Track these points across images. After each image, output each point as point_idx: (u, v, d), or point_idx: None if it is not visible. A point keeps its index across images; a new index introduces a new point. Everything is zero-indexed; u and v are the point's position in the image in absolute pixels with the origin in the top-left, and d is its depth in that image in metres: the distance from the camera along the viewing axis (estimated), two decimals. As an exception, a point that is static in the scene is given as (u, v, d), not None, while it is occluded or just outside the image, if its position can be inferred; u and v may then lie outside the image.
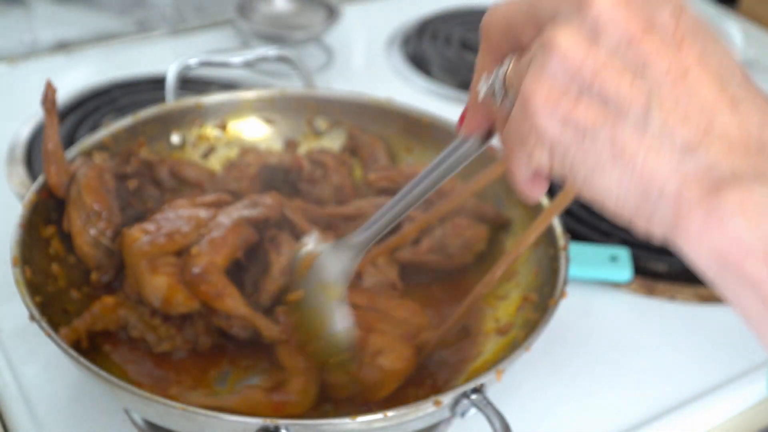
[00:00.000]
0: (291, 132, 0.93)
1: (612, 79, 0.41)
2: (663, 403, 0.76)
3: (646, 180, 0.41)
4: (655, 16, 0.41)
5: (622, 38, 0.41)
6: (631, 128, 0.41)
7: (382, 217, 0.61)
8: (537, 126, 0.42)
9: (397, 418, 0.59)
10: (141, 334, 0.70)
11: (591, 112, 0.41)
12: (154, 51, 1.26)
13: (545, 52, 0.42)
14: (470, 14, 1.40)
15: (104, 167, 0.78)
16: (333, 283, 0.64)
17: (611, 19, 0.41)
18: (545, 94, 0.42)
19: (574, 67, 0.41)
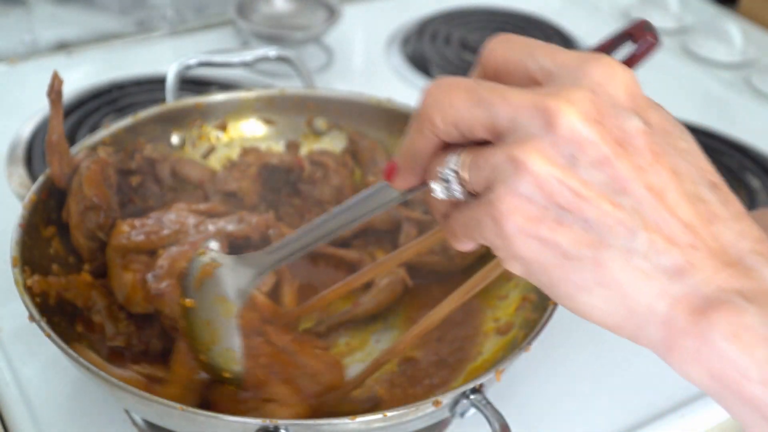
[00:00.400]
0: (291, 132, 0.93)
1: (593, 203, 0.39)
2: (663, 403, 0.76)
3: (634, 302, 0.40)
4: (625, 127, 0.40)
5: (597, 158, 0.39)
6: (616, 252, 0.40)
7: (291, 243, 0.58)
8: (512, 243, 0.41)
9: (396, 418, 0.59)
10: (101, 322, 0.70)
11: (573, 235, 0.40)
12: (154, 51, 1.26)
13: (517, 173, 0.39)
14: (470, 14, 1.40)
15: (108, 162, 0.78)
16: (230, 298, 0.61)
17: (585, 139, 0.39)
18: (523, 216, 0.40)
19: (552, 191, 0.39)
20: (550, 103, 0.39)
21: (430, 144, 0.44)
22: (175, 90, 0.90)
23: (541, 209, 0.40)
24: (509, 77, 0.43)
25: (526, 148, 0.39)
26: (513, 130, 0.40)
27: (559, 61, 0.42)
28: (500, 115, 0.41)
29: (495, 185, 0.41)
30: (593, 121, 0.39)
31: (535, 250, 0.40)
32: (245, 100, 0.91)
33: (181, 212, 0.76)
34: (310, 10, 1.28)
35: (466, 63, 1.26)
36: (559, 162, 0.39)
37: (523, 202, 0.40)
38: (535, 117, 0.39)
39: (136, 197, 0.81)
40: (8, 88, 1.14)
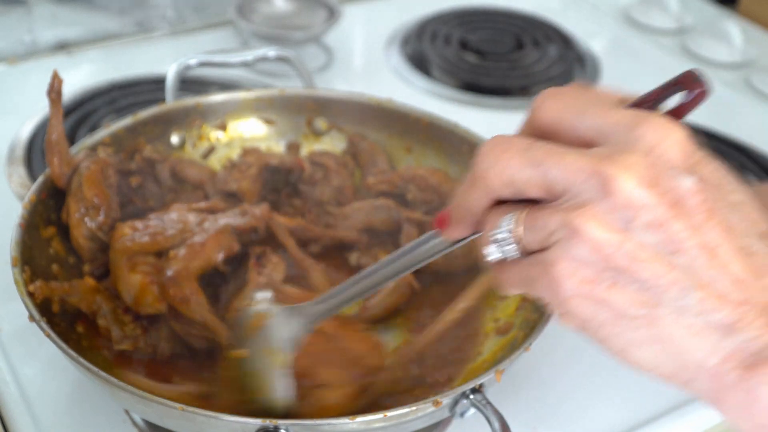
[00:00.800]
0: (291, 132, 0.93)
1: (648, 264, 0.40)
2: (663, 403, 0.76)
3: (685, 357, 0.42)
4: (680, 188, 0.40)
5: (652, 221, 0.40)
6: (669, 310, 0.41)
7: (343, 292, 0.59)
8: (568, 304, 0.42)
9: (396, 418, 0.59)
10: (107, 326, 0.70)
11: (627, 295, 0.41)
12: (154, 51, 1.26)
13: (574, 238, 0.41)
14: (470, 15, 1.40)
15: (108, 162, 0.78)
16: (280, 349, 0.61)
17: (641, 203, 0.40)
18: (578, 279, 0.41)
19: (608, 255, 0.40)
20: (606, 169, 0.40)
21: (484, 200, 0.45)
22: (175, 90, 0.90)
23: (597, 272, 0.41)
24: (560, 136, 0.44)
25: (582, 214, 0.40)
26: (569, 193, 0.41)
27: (612, 121, 0.42)
28: (556, 178, 0.41)
29: (551, 248, 0.42)
30: (648, 185, 0.40)
31: (590, 310, 0.42)
32: (245, 101, 0.91)
33: (182, 212, 0.76)
34: (310, 10, 1.28)
35: (465, 63, 1.26)
36: (615, 227, 0.40)
37: (579, 266, 0.41)
38: (591, 182, 0.40)
39: (136, 198, 0.81)
40: (8, 88, 1.14)
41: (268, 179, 0.86)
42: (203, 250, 0.71)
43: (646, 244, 0.40)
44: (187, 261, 0.70)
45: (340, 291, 0.60)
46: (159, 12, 1.30)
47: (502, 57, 1.28)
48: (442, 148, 0.89)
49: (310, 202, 0.85)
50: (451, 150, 0.88)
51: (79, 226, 0.74)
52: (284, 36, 1.20)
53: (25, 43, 1.22)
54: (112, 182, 0.78)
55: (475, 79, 1.22)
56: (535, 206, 0.43)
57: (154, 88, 1.12)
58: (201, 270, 0.70)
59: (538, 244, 0.43)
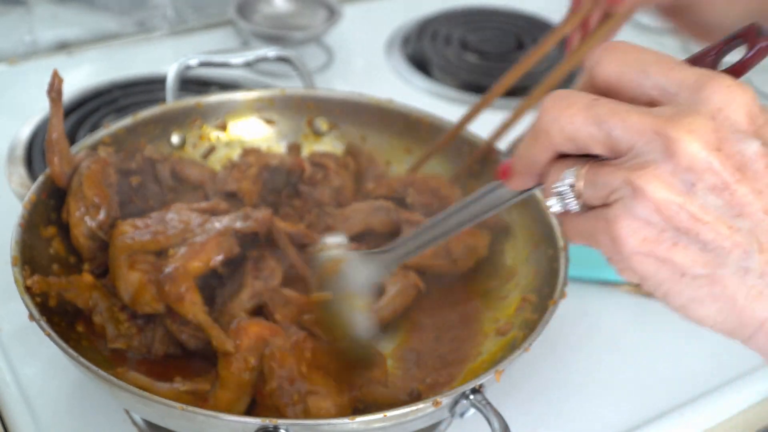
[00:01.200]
0: (291, 132, 0.93)
1: (710, 225, 0.40)
2: (662, 404, 0.76)
3: (747, 316, 0.42)
4: (744, 152, 0.40)
5: (717, 183, 0.40)
6: (731, 271, 0.41)
7: (414, 239, 0.60)
8: (631, 260, 0.42)
9: (396, 419, 0.59)
10: (103, 323, 0.70)
11: (689, 256, 0.41)
12: (154, 51, 1.26)
13: (636, 198, 0.41)
14: (470, 15, 1.40)
15: (108, 161, 0.78)
16: (357, 293, 0.63)
17: (705, 166, 0.40)
18: (640, 238, 0.41)
19: (670, 216, 0.41)
20: (671, 131, 0.40)
21: (547, 153, 0.45)
22: (175, 90, 0.90)
23: (659, 232, 0.41)
24: (622, 93, 0.43)
25: (645, 174, 0.40)
26: (632, 153, 0.41)
27: (677, 80, 0.42)
28: (619, 136, 0.41)
29: (613, 206, 0.42)
30: (713, 149, 0.40)
31: (651, 268, 0.42)
32: (245, 101, 0.91)
33: (183, 212, 0.76)
34: (311, 10, 1.28)
35: (466, 63, 1.26)
36: (678, 188, 0.40)
37: (641, 225, 0.41)
38: (655, 143, 0.40)
39: (137, 197, 0.81)
40: (8, 88, 1.14)
41: (269, 179, 0.86)
42: (203, 251, 0.71)
43: (710, 206, 0.40)
44: (186, 260, 0.70)
45: (410, 239, 0.60)
46: (159, 12, 1.30)
47: (503, 57, 1.28)
48: (443, 148, 0.89)
49: (309, 203, 0.85)
50: (452, 150, 0.88)
51: (79, 225, 0.74)
52: (284, 36, 1.20)
53: (25, 43, 1.22)
54: (113, 181, 0.78)
55: (476, 80, 1.22)
56: (597, 162, 0.43)
57: (155, 88, 1.12)
58: (199, 270, 0.70)
59: (600, 200, 0.43)
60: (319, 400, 0.63)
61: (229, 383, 0.65)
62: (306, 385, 0.64)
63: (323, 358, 0.66)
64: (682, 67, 0.43)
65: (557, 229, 0.75)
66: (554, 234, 0.75)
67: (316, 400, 0.63)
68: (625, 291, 0.87)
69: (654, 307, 0.86)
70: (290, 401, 0.63)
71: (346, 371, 0.66)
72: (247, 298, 0.72)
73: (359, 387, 0.66)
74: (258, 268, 0.73)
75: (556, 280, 0.71)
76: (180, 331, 0.69)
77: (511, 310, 0.76)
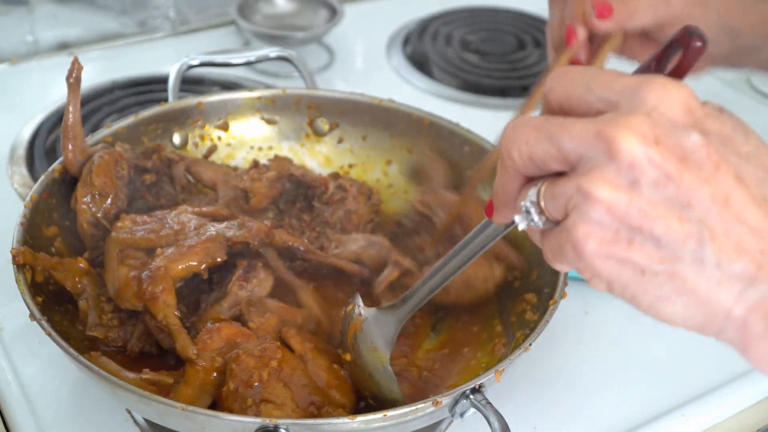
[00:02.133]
0: (292, 132, 0.93)
1: (660, 219, 0.41)
2: (663, 403, 0.76)
3: (712, 308, 0.42)
4: (685, 143, 0.41)
5: (660, 177, 0.41)
6: (688, 264, 0.42)
7: (419, 289, 0.66)
8: (593, 266, 0.43)
9: (396, 418, 0.59)
10: (86, 310, 0.70)
11: (646, 252, 0.42)
12: (155, 51, 1.26)
13: (586, 202, 0.42)
14: (471, 14, 1.40)
15: (122, 156, 0.79)
16: (380, 348, 0.67)
17: (647, 161, 0.41)
18: (597, 240, 0.42)
19: (621, 214, 0.41)
20: (608, 132, 0.41)
21: (516, 180, 0.47)
22: (176, 90, 0.90)
23: (613, 232, 0.42)
24: (574, 111, 0.45)
25: (591, 177, 0.42)
26: (581, 161, 0.43)
27: (617, 89, 0.43)
28: (568, 147, 0.43)
29: (569, 214, 0.43)
30: (652, 143, 0.41)
31: (614, 270, 0.43)
32: (247, 101, 0.92)
33: (186, 213, 0.76)
34: (312, 10, 1.29)
35: (466, 63, 1.26)
36: (623, 186, 0.41)
37: (595, 228, 0.42)
38: (597, 146, 0.42)
39: (149, 194, 0.81)
40: (10, 88, 1.14)
41: (289, 189, 0.86)
42: (188, 254, 0.71)
43: (657, 200, 0.41)
44: (170, 261, 0.70)
45: (418, 288, 0.66)
46: (161, 12, 1.30)
47: (503, 57, 1.29)
48: (444, 148, 0.89)
49: (316, 221, 0.85)
50: (453, 150, 0.88)
51: (84, 212, 0.75)
52: (286, 36, 1.20)
53: (26, 43, 1.23)
54: (124, 174, 0.78)
55: (476, 80, 1.22)
56: (554, 178, 0.44)
57: (156, 89, 1.12)
58: (181, 273, 0.70)
59: (560, 212, 0.44)
60: (272, 410, 0.62)
61: (193, 381, 0.65)
62: (263, 392, 0.63)
63: (292, 372, 0.65)
64: (622, 76, 0.44)
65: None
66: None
67: (269, 408, 0.62)
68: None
69: (654, 307, 0.86)
70: (244, 405, 0.62)
71: (309, 388, 0.66)
72: (228, 306, 0.72)
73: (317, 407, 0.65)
74: (246, 278, 0.73)
75: (557, 280, 0.71)
76: (158, 329, 0.69)
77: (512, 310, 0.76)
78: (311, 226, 0.84)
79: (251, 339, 0.67)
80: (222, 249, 0.72)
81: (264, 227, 0.76)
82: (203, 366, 0.65)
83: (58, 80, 0.88)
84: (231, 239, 0.73)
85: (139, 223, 0.74)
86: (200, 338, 0.67)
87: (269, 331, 0.70)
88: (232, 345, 0.67)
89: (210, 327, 0.68)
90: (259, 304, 0.72)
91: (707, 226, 0.41)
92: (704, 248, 0.41)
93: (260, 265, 0.75)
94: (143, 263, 0.71)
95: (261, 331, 0.69)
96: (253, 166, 0.88)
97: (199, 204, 0.81)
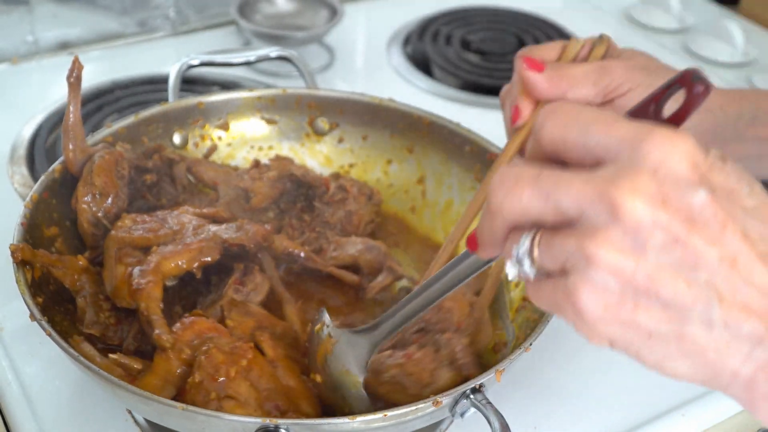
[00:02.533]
0: (293, 132, 0.93)
1: (667, 283, 0.40)
2: (663, 404, 0.76)
3: (719, 368, 0.42)
4: (692, 203, 0.40)
5: (667, 240, 0.40)
6: (696, 325, 0.41)
7: (394, 315, 0.64)
8: (595, 329, 0.42)
9: (396, 418, 0.59)
10: (84, 307, 0.71)
11: (652, 315, 0.41)
12: (156, 51, 1.26)
13: (590, 265, 0.40)
14: (471, 14, 1.40)
15: (123, 155, 0.79)
16: (353, 371, 0.66)
17: (653, 223, 0.39)
18: (602, 305, 0.41)
19: (627, 279, 0.40)
20: (613, 194, 0.40)
21: (503, 229, 0.45)
22: (177, 90, 0.90)
23: (619, 296, 0.41)
24: (568, 154, 0.43)
25: (595, 240, 0.40)
26: (581, 219, 0.41)
27: (617, 137, 0.41)
28: (567, 206, 0.41)
29: (570, 275, 0.41)
30: (658, 205, 0.39)
31: (618, 332, 0.42)
32: (247, 100, 0.92)
33: (184, 214, 0.76)
34: (312, 9, 1.29)
35: (467, 63, 1.26)
36: (629, 250, 0.40)
37: (600, 292, 0.41)
38: (601, 208, 0.40)
39: (150, 194, 0.82)
40: (10, 87, 1.14)
41: (289, 189, 0.86)
42: (182, 252, 0.71)
43: (664, 263, 0.40)
44: (162, 258, 0.70)
45: (393, 313, 0.64)
46: (161, 12, 1.30)
47: (504, 57, 1.29)
48: (444, 148, 0.89)
49: (317, 221, 0.85)
50: (453, 150, 0.88)
51: (85, 212, 0.75)
52: (286, 36, 1.20)
53: (27, 42, 1.23)
54: (125, 174, 0.78)
55: (477, 79, 1.22)
56: (550, 230, 0.43)
57: (156, 88, 1.12)
58: (174, 270, 0.70)
59: (556, 266, 0.42)
60: (235, 407, 0.62)
61: (159, 370, 0.65)
62: (227, 388, 0.63)
63: (260, 374, 0.65)
64: (622, 123, 0.42)
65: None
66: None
67: (231, 405, 0.62)
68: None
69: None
70: (207, 398, 0.62)
71: (275, 392, 0.65)
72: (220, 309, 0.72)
73: (277, 410, 0.65)
74: (243, 281, 0.73)
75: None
76: (147, 324, 0.69)
77: (512, 309, 0.76)
78: (311, 227, 0.84)
79: (225, 336, 0.68)
80: (216, 249, 0.72)
81: (262, 230, 0.76)
82: (171, 357, 0.65)
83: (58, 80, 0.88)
84: (227, 241, 0.73)
85: (139, 222, 0.74)
86: (173, 329, 0.67)
87: (245, 332, 0.69)
88: (204, 339, 0.67)
89: (184, 319, 0.68)
90: (242, 306, 0.72)
91: (715, 288, 0.40)
92: (712, 310, 0.40)
93: (257, 269, 0.75)
94: (140, 261, 0.71)
95: (237, 331, 0.69)
96: (254, 165, 0.88)
97: (200, 204, 0.81)
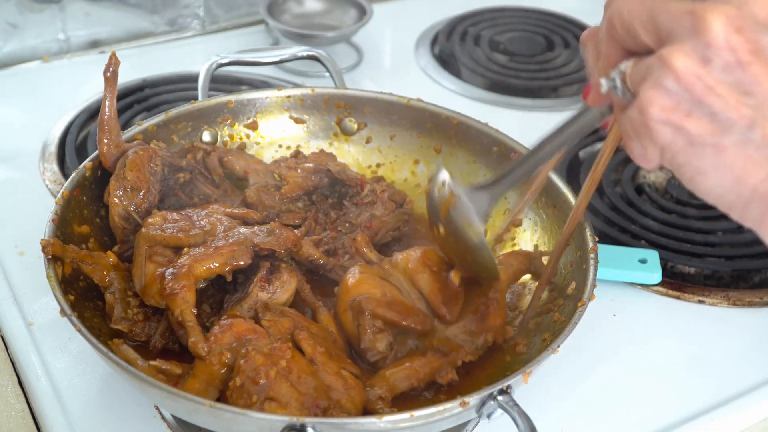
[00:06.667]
0: (321, 131, 0.93)
1: (721, 98, 0.47)
2: (691, 407, 0.75)
3: (742, 184, 0.50)
4: (761, 41, 0.47)
5: (732, 61, 0.47)
6: (734, 141, 0.48)
7: (513, 171, 0.68)
8: (652, 129, 0.50)
9: (423, 419, 0.59)
10: (113, 303, 0.71)
11: (700, 124, 0.48)
12: (185, 50, 1.27)
13: (663, 69, 0.48)
14: (499, 14, 1.39)
15: (156, 152, 0.80)
16: (475, 223, 0.69)
17: (724, 44, 0.47)
18: (661, 105, 0.49)
19: (688, 86, 0.48)
20: (700, 11, 0.47)
21: (615, 49, 0.54)
22: (206, 88, 0.91)
23: (677, 101, 0.48)
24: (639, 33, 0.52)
25: (673, 49, 0.48)
26: (670, 36, 0.49)
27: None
28: (662, 21, 0.49)
29: (645, 81, 0.50)
30: (734, 31, 0.47)
31: (668, 136, 0.50)
32: (276, 99, 0.92)
33: (215, 213, 0.76)
34: (341, 9, 1.29)
35: (494, 63, 1.25)
36: (697, 61, 0.47)
37: (663, 94, 0.49)
38: (687, 23, 0.48)
39: (182, 193, 0.82)
40: (42, 86, 1.15)
41: (324, 184, 0.86)
42: (214, 255, 0.71)
43: (723, 80, 0.47)
44: (194, 260, 0.70)
45: (512, 169, 0.68)
46: (191, 11, 1.31)
47: (532, 58, 1.28)
48: (472, 148, 0.89)
49: (342, 219, 0.85)
50: (481, 150, 0.88)
51: (116, 206, 0.76)
52: (315, 35, 1.20)
53: (58, 41, 1.24)
54: (157, 171, 0.79)
55: (504, 80, 1.21)
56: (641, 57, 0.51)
57: (186, 87, 1.13)
58: (205, 273, 0.70)
59: (640, 80, 0.50)
60: (276, 408, 0.62)
61: (201, 374, 0.65)
62: (268, 390, 0.63)
63: (300, 373, 0.65)
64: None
65: (587, 232, 0.75)
66: (584, 235, 0.75)
67: (273, 407, 0.62)
68: (654, 293, 0.86)
69: (683, 310, 0.85)
70: (249, 401, 0.62)
71: (316, 391, 0.65)
72: (247, 307, 0.72)
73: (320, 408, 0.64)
74: (269, 279, 0.73)
75: (585, 282, 0.71)
76: (178, 325, 0.69)
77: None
78: (335, 225, 0.84)
79: (263, 337, 0.67)
80: (247, 254, 0.72)
81: (293, 236, 0.75)
82: (212, 361, 0.66)
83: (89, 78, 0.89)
84: (258, 245, 0.73)
85: (169, 220, 0.74)
86: (212, 332, 0.67)
87: (282, 332, 0.69)
88: (243, 341, 0.67)
89: (223, 322, 0.68)
90: (276, 308, 0.72)
91: (761, 113, 0.47)
92: (753, 131, 0.47)
93: (284, 267, 0.75)
94: (170, 261, 0.71)
95: (273, 331, 0.69)
96: (295, 155, 0.88)
97: (232, 204, 0.81)
